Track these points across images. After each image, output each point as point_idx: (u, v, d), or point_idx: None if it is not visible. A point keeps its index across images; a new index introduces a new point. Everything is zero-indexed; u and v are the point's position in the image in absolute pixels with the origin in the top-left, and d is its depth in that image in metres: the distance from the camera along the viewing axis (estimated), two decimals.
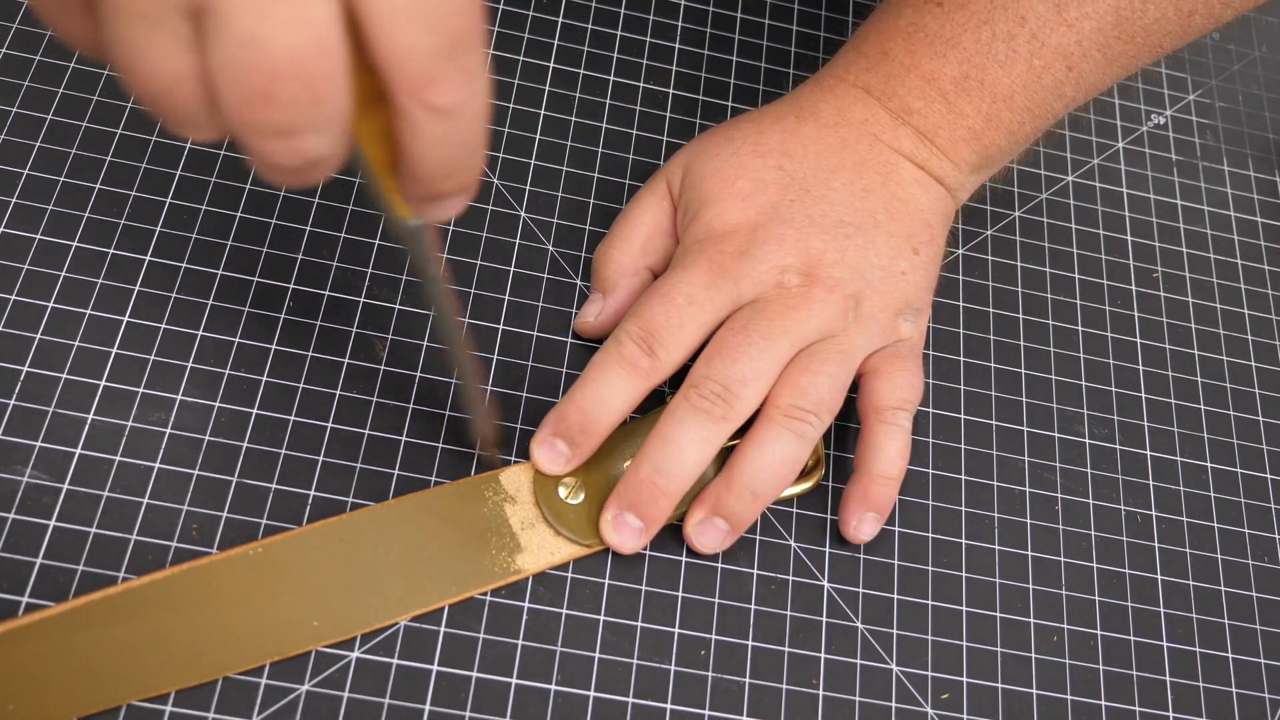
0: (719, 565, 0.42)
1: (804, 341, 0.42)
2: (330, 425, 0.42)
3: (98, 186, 0.45)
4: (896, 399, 0.43)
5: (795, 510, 0.44)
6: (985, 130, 0.45)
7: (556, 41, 0.53)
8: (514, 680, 0.39)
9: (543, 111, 0.51)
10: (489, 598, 0.40)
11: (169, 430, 0.41)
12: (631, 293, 0.45)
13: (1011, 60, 0.44)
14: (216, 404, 0.42)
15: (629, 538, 0.41)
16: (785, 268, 0.42)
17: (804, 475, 0.44)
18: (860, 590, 0.43)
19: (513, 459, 0.43)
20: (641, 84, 0.52)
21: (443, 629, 0.40)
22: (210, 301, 0.44)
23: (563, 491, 0.42)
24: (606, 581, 0.41)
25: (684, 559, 0.42)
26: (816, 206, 0.44)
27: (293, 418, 0.42)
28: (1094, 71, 0.45)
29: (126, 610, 0.37)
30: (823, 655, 0.42)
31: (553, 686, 0.40)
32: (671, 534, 0.42)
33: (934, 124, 0.45)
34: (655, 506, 0.41)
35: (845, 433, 0.46)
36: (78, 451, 0.40)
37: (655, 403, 0.44)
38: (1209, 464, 0.48)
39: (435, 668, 0.39)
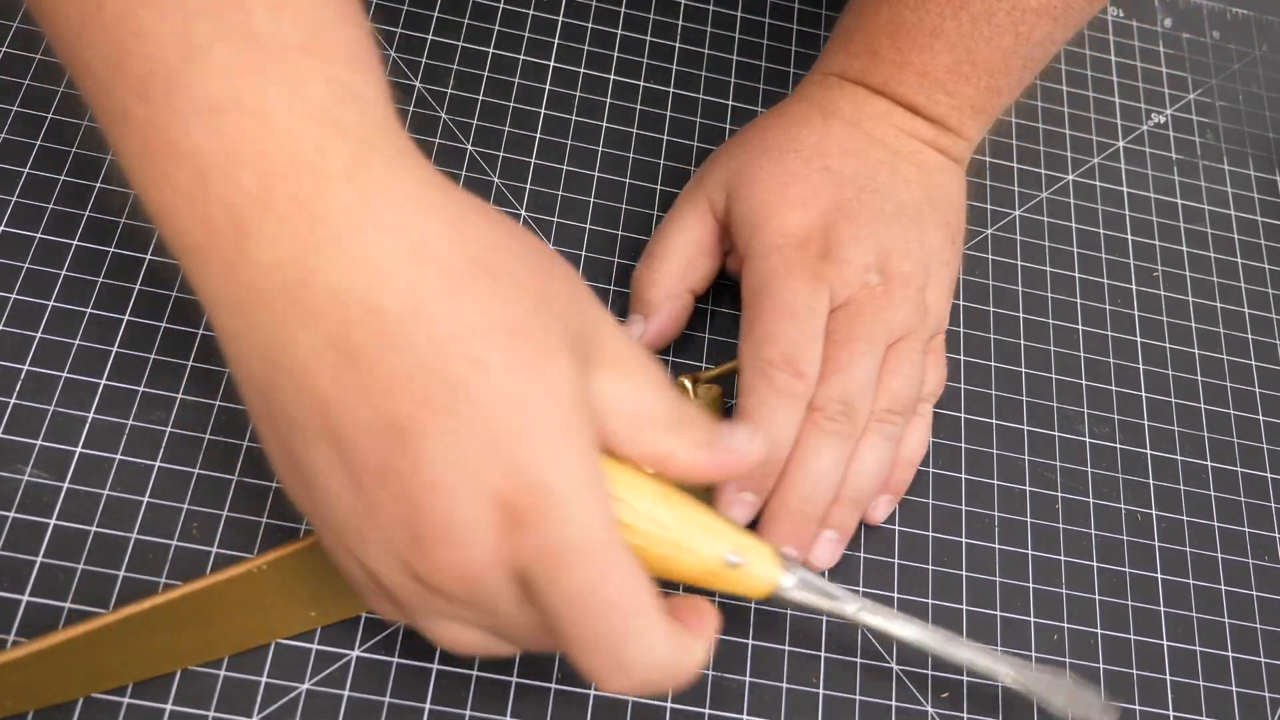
0: None
1: (893, 339, 0.42)
2: None
3: (98, 185, 0.45)
4: (925, 390, 0.44)
5: None
6: (988, 101, 0.46)
7: (557, 40, 0.53)
8: (514, 679, 0.39)
9: (543, 110, 0.51)
10: None
11: (169, 429, 0.41)
12: (672, 316, 0.45)
13: (997, 35, 0.44)
14: (217, 402, 0.42)
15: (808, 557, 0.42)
16: (867, 266, 0.42)
17: None
18: (860, 589, 0.43)
19: None
20: (642, 83, 0.52)
21: None
22: None
23: None
24: None
25: None
26: (873, 200, 0.44)
27: None
28: (1080, 10, 0.45)
29: (125, 633, 0.36)
30: (823, 654, 0.42)
31: (553, 685, 0.40)
32: None
33: (941, 112, 0.46)
34: (809, 533, 0.41)
35: None
36: (78, 450, 0.40)
37: None
38: (1209, 463, 0.48)
39: (436, 666, 0.39)
